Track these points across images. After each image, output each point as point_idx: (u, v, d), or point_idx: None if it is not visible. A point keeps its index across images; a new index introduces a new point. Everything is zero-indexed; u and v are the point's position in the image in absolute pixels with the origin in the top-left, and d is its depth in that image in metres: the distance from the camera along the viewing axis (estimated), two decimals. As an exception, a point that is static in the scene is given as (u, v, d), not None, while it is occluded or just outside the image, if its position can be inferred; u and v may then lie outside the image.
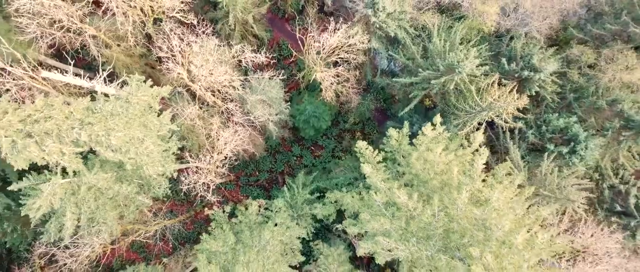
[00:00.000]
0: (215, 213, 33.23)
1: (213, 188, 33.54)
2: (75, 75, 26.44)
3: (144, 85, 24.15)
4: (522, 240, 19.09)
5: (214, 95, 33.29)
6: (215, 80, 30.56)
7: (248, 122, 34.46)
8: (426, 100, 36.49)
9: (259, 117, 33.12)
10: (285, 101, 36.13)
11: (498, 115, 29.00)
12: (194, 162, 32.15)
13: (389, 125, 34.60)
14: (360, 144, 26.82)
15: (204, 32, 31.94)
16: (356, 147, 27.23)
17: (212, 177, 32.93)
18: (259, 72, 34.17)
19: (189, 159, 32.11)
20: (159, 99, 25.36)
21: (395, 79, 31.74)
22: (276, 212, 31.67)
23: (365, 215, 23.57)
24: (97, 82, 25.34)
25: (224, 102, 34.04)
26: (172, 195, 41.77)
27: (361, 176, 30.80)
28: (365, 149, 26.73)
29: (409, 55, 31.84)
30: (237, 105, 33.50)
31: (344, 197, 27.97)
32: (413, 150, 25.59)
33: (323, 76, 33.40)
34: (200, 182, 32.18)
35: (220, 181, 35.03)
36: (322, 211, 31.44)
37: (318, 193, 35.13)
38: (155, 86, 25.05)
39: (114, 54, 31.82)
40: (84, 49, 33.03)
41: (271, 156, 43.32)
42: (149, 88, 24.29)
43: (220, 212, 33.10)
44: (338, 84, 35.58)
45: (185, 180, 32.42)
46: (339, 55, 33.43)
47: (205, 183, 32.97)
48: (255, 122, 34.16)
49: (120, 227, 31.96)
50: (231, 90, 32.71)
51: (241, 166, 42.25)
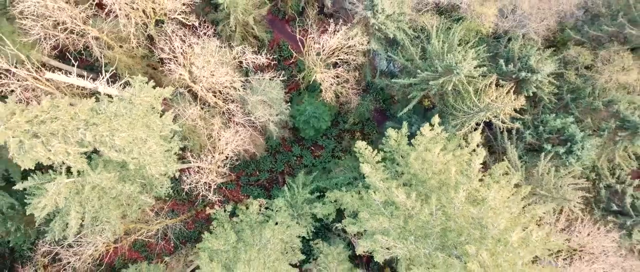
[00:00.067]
0: (216, 212, 33.54)
1: (214, 188, 33.79)
2: (79, 76, 26.75)
3: (147, 86, 24.43)
4: (517, 238, 19.42)
5: (215, 96, 33.54)
6: (217, 81, 30.82)
7: (249, 123, 34.73)
8: (425, 101, 36.70)
9: (259, 118, 33.37)
10: (286, 102, 36.36)
11: (496, 115, 29.19)
12: (196, 162, 32.42)
13: (388, 125, 34.79)
14: (360, 144, 27.00)
15: (205, 33, 32.23)
16: (355, 147, 27.42)
17: (214, 177, 33.19)
18: (259, 73, 34.35)
19: (191, 159, 32.38)
20: (161, 100, 25.66)
21: (394, 80, 31.88)
22: (277, 212, 31.98)
23: (364, 214, 23.86)
24: (100, 83, 25.68)
25: (225, 103, 34.29)
26: (174, 194, 42.09)
27: (360, 175, 31.00)
28: (365, 149, 26.93)
29: (407, 56, 32.03)
30: (238, 106, 33.75)
31: (344, 196, 28.21)
32: (412, 150, 25.81)
33: (323, 77, 33.64)
34: (201, 182, 32.47)
35: (222, 180, 35.30)
36: (322, 210, 31.69)
37: (318, 193, 35.38)
38: (158, 87, 25.34)
39: (117, 56, 32.07)
40: (86, 51, 33.27)
41: (271, 155, 43.59)
42: (152, 89, 24.56)
43: (222, 211, 33.41)
44: (338, 84, 35.80)
45: (187, 180, 32.70)
46: (338, 56, 33.67)
47: (207, 183, 33.25)
48: (256, 123, 34.41)
49: (123, 226, 32.27)
50: (232, 91, 32.96)
51: (242, 166, 42.53)
